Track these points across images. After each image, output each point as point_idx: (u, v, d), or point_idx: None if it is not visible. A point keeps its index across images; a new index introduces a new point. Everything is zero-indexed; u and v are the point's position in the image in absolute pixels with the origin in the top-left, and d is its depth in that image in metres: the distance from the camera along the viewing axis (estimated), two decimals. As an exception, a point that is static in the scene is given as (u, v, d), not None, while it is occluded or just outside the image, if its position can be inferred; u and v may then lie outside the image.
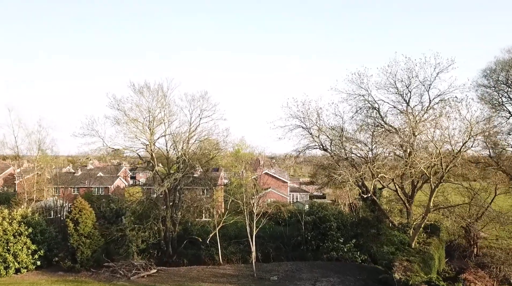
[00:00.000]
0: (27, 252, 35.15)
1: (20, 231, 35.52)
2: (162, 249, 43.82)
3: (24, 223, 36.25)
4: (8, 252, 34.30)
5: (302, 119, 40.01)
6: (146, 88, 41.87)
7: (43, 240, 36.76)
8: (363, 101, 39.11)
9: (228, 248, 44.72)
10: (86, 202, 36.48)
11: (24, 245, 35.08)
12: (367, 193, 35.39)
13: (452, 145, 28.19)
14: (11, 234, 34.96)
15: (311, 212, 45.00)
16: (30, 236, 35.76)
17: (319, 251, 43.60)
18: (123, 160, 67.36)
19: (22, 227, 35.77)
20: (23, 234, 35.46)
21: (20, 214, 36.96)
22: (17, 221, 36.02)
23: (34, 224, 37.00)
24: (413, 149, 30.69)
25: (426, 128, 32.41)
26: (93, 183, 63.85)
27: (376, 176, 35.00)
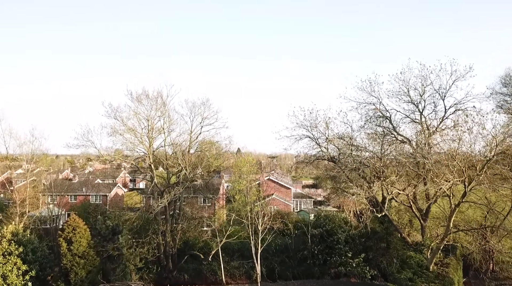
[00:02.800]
0: (18, 273, 32.88)
1: (10, 250, 33.29)
2: (161, 264, 41.82)
3: (14, 242, 34.06)
4: (-3, 274, 32.17)
5: (309, 129, 37.87)
6: (145, 96, 39.86)
7: (35, 260, 34.65)
8: (373, 110, 36.94)
9: (231, 263, 42.74)
10: (81, 219, 34.32)
11: (14, 265, 32.83)
12: (381, 212, 33.23)
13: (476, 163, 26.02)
14: (0, 254, 32.80)
15: (318, 224, 42.95)
16: (21, 256, 33.55)
17: (326, 266, 41.67)
18: (123, 161, 65.24)
19: (12, 246, 33.55)
20: (13, 253, 33.21)
21: (10, 232, 34.76)
22: (7, 240, 33.80)
23: (25, 242, 34.87)
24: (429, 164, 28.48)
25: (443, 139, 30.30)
26: (90, 190, 61.75)
27: (390, 193, 32.86)
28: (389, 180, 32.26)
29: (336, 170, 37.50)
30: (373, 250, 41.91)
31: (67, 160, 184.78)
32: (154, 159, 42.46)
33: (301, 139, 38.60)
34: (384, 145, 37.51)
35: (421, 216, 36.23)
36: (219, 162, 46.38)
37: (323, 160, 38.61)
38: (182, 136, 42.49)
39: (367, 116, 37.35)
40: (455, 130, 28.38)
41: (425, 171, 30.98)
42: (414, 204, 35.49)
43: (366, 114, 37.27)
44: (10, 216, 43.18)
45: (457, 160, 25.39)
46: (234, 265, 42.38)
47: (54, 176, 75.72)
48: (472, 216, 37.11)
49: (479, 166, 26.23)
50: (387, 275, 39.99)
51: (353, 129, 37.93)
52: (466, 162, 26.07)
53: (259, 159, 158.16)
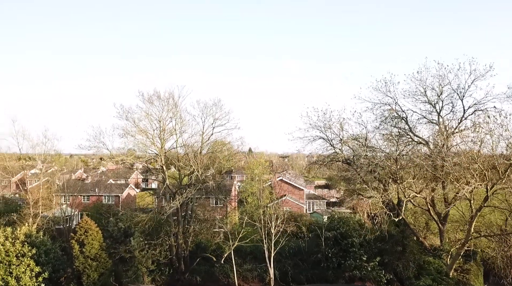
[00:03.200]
0: (31, 275, 32.90)
1: (23, 252, 33.31)
2: (174, 266, 41.55)
3: (27, 243, 34.05)
4: (10, 275, 32.13)
5: (323, 130, 37.08)
6: (156, 97, 39.55)
7: (48, 261, 34.57)
8: (389, 111, 35.97)
9: (244, 265, 42.27)
10: (93, 221, 34.16)
11: (27, 267, 32.84)
12: (398, 216, 32.32)
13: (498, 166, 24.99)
14: (13, 256, 32.77)
15: (332, 227, 42.12)
16: (34, 258, 33.52)
17: (340, 269, 40.83)
18: (135, 161, 65.31)
19: (25, 248, 33.57)
20: (27, 255, 33.22)
21: (23, 233, 34.79)
22: (20, 241, 33.83)
23: (38, 243, 34.84)
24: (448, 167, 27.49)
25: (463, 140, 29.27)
26: (103, 191, 61.97)
27: (408, 197, 31.93)
28: (406, 182, 31.33)
29: (351, 172, 36.65)
30: (388, 254, 40.96)
31: (81, 159, 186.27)
32: (166, 161, 42.22)
33: (314, 140, 37.89)
34: (400, 146, 36.58)
35: (439, 219, 35.16)
36: (231, 163, 45.93)
37: (337, 161, 37.76)
38: (194, 137, 42.20)
39: (382, 116, 36.47)
40: (476, 132, 27.34)
41: (444, 174, 29.98)
42: (432, 208, 34.46)
43: (382, 114, 36.40)
44: (24, 217, 43.35)
45: (478, 163, 24.41)
46: (246, 267, 41.90)
47: (68, 176, 76.30)
48: (493, 220, 35.92)
49: (501, 169, 25.22)
50: (403, 279, 39.05)
51: (368, 130, 37.10)
52: (489, 165, 25.05)
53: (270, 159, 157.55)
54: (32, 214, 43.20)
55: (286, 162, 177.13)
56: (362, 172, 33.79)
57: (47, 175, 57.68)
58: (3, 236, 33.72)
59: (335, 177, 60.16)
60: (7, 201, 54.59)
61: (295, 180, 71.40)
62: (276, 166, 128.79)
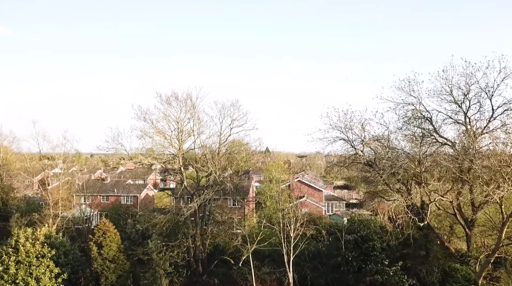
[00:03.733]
0: (50, 276, 33.10)
1: (43, 253, 33.54)
2: (191, 268, 41.28)
3: (47, 244, 34.28)
4: (30, 276, 32.36)
5: (344, 131, 36.11)
6: (174, 98, 39.36)
7: (67, 262, 34.69)
8: (412, 111, 34.75)
9: (262, 268, 41.68)
10: (111, 223, 34.11)
11: (47, 268, 33.04)
12: (422, 220, 31.15)
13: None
14: (33, 257, 33.03)
15: (352, 230, 41.11)
16: (54, 258, 33.71)
17: (361, 273, 39.80)
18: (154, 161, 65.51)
19: (45, 249, 33.79)
20: (46, 256, 33.43)
21: (43, 234, 35.05)
22: (40, 242, 34.09)
23: (57, 244, 35.01)
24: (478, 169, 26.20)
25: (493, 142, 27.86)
26: (122, 191, 62.38)
27: (433, 200, 30.70)
28: (432, 185, 30.10)
29: (373, 174, 35.55)
30: (411, 258, 39.70)
31: (101, 159, 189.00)
32: (184, 161, 42.00)
33: (335, 142, 36.95)
34: (423, 147, 35.30)
35: (466, 224, 33.73)
36: (249, 164, 45.43)
37: (358, 163, 36.73)
38: (212, 138, 41.88)
39: (405, 117, 35.23)
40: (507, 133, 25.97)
41: (472, 177, 28.65)
42: (458, 212, 33.09)
43: (405, 115, 35.16)
44: (44, 218, 43.82)
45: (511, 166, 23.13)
46: (265, 270, 41.31)
47: (87, 176, 77.22)
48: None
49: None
50: (427, 285, 37.79)
51: (390, 131, 35.91)
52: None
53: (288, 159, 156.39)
54: (52, 214, 43.61)
55: (304, 162, 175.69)
56: (385, 174, 32.67)
57: (67, 175, 58.32)
58: (24, 236, 34.03)
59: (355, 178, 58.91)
60: (29, 201, 55.46)
61: (314, 181, 70.39)
62: (294, 166, 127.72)
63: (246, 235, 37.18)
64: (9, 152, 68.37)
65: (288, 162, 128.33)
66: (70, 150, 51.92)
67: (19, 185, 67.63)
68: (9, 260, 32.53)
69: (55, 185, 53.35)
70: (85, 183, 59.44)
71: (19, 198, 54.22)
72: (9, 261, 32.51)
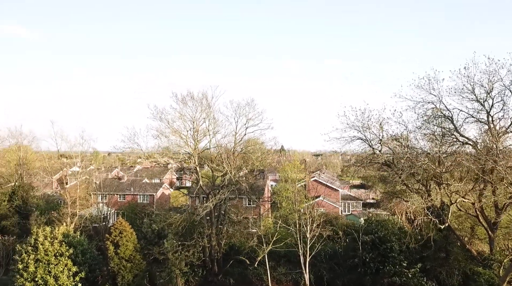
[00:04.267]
0: (68, 274, 33.54)
1: (61, 251, 33.98)
2: (207, 267, 41.28)
3: (65, 243, 34.72)
4: (49, 274, 32.84)
5: (361, 130, 35.45)
6: (190, 98, 39.35)
7: (84, 261, 35.07)
8: (432, 109, 33.84)
9: (278, 268, 41.40)
10: (127, 223, 34.30)
11: (65, 266, 33.49)
12: (443, 222, 30.34)
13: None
14: (52, 255, 33.50)
15: (369, 231, 40.43)
16: (71, 257, 34.13)
17: (379, 275, 39.12)
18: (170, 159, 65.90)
19: (63, 247, 34.23)
20: (64, 255, 33.88)
21: (61, 233, 35.50)
22: (58, 241, 34.53)
23: (75, 243, 35.40)
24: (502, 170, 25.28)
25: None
26: (138, 190, 62.94)
27: (454, 202, 29.85)
28: (453, 186, 29.26)
29: (391, 175, 34.81)
30: (430, 260, 38.85)
31: (118, 158, 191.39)
32: (199, 161, 42.00)
33: (352, 141, 36.27)
34: (443, 147, 34.38)
35: (488, 226, 32.72)
36: (264, 164, 45.17)
37: (377, 163, 35.99)
38: (227, 138, 41.73)
39: (424, 115, 34.33)
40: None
41: (496, 178, 27.71)
42: (480, 214, 32.12)
43: (424, 113, 34.25)
44: (62, 217, 44.43)
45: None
46: (280, 271, 41.02)
47: (104, 175, 78.21)
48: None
49: None
50: (446, 287, 36.95)
51: (409, 130, 35.06)
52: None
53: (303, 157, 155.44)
54: (70, 213, 44.20)
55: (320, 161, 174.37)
56: (404, 175, 31.92)
57: (85, 173, 59.14)
58: (43, 235, 34.52)
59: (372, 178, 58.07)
60: (48, 199, 56.46)
61: (330, 181, 69.69)
62: (310, 165, 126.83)
63: (262, 236, 36.93)
64: (28, 151, 69.69)
65: (304, 161, 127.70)
66: (88, 149, 52.75)
67: (38, 183, 68.89)
68: (28, 258, 33.08)
69: (73, 184, 54.13)
70: (102, 182, 60.12)
71: (39, 196, 55.22)
72: (28, 259, 33.06)
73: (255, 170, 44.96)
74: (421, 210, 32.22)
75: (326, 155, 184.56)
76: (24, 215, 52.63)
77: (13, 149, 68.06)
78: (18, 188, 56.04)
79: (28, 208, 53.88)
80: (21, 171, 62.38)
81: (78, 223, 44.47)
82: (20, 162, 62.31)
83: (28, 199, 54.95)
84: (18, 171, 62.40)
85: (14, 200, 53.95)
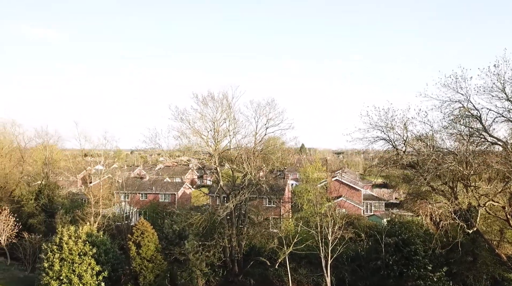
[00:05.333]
0: (92, 273, 34.12)
1: (85, 251, 34.60)
2: (227, 268, 41.29)
3: (89, 242, 35.33)
4: (73, 273, 33.49)
5: (385, 130, 34.52)
6: (210, 98, 39.35)
7: (107, 261, 35.60)
8: (459, 109, 32.58)
9: (299, 270, 41.06)
10: (149, 223, 34.61)
11: (88, 266, 34.09)
12: (471, 226, 29.27)
13: None
14: (76, 254, 34.14)
15: (392, 233, 39.54)
16: (95, 256, 34.71)
17: (402, 278, 38.21)
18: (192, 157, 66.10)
19: (87, 247, 34.84)
20: (88, 254, 34.48)
21: (85, 232, 36.14)
22: (82, 240, 35.17)
23: (98, 243, 35.97)
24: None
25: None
26: (160, 190, 63.64)
27: (483, 205, 28.72)
28: (481, 189, 28.12)
29: (416, 177, 33.77)
30: (457, 264, 37.71)
31: (141, 156, 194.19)
32: (220, 162, 42.00)
33: (375, 142, 35.33)
34: (471, 147, 33.13)
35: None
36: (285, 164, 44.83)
37: (401, 164, 34.98)
38: (247, 138, 41.59)
39: (451, 115, 33.06)
40: None
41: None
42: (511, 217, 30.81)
43: (451, 113, 32.99)
44: (86, 216, 45.27)
45: None
46: (301, 272, 40.69)
47: (127, 174, 79.38)
48: None
49: None
50: (474, 292, 35.79)
51: (435, 130, 33.90)
52: None
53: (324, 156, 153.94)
54: (93, 213, 44.98)
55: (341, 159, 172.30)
56: (429, 176, 30.91)
57: (109, 172, 60.11)
58: (67, 235, 35.21)
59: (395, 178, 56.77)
60: (73, 198, 57.72)
61: (352, 181, 68.63)
62: (331, 164, 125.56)
63: (283, 238, 36.63)
64: (54, 151, 71.40)
65: (325, 160, 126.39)
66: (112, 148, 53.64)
67: (63, 182, 70.54)
68: (53, 257, 33.81)
69: (96, 183, 55.12)
70: (124, 181, 61.01)
71: (64, 195, 56.55)
72: (53, 258, 33.79)
73: (275, 169, 44.63)
74: (448, 213, 31.13)
75: (348, 153, 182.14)
76: (50, 214, 53.95)
77: (40, 148, 69.87)
78: (44, 187, 57.49)
79: (53, 207, 55.21)
80: (47, 170, 63.98)
81: (101, 223, 45.22)
82: (46, 161, 63.89)
83: (53, 198, 56.30)
84: (44, 170, 64.05)
85: (41, 198, 55.37)
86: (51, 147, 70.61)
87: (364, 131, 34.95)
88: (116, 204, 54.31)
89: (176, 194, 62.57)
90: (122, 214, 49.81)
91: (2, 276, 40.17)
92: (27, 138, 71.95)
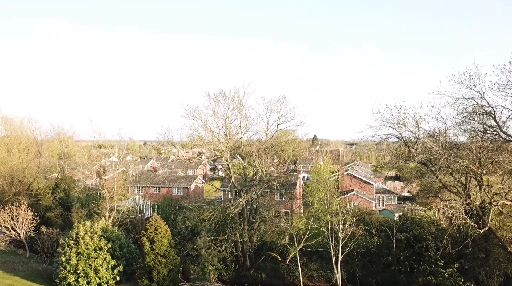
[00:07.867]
0: (107, 267, 35.11)
1: (100, 245, 35.57)
2: (239, 262, 41.92)
3: (104, 237, 36.27)
4: (89, 267, 34.50)
5: (396, 127, 34.32)
6: (222, 96, 39.66)
7: (122, 255, 36.55)
8: (473, 106, 32.17)
9: (309, 265, 41.45)
10: (162, 219, 35.33)
11: (104, 260, 35.08)
12: (483, 226, 29.09)
13: None
14: (92, 249, 35.12)
15: (404, 228, 39.55)
16: (110, 251, 35.67)
17: (413, 274, 38.32)
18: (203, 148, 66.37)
19: (102, 242, 35.80)
20: (103, 249, 35.45)
21: (100, 228, 37.07)
22: (97, 235, 36.13)
23: (113, 238, 36.91)
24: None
25: None
26: (173, 183, 64.44)
27: (496, 204, 28.52)
28: (494, 188, 27.88)
29: (428, 175, 33.63)
30: (469, 260, 37.56)
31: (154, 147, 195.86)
32: (232, 157, 42.38)
33: (387, 139, 35.28)
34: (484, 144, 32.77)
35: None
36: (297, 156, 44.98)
37: (412, 162, 34.83)
38: (258, 134, 41.90)
39: (465, 112, 32.70)
40: None
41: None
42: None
43: (464, 110, 32.62)
44: (101, 211, 46.27)
45: None
46: (312, 267, 41.08)
47: (140, 167, 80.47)
48: None
49: None
50: (486, 288, 35.72)
51: (448, 127, 33.60)
52: None
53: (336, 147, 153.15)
54: (108, 208, 45.93)
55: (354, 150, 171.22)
56: (441, 174, 30.76)
57: (123, 164, 60.91)
58: (83, 230, 36.20)
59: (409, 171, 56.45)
60: (88, 192, 58.90)
61: (364, 174, 68.37)
62: (343, 155, 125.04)
63: (293, 234, 36.97)
64: (70, 144, 72.58)
65: (337, 151, 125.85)
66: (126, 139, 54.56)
67: (79, 176, 71.91)
68: (70, 252, 34.86)
69: (110, 176, 56.10)
70: (138, 175, 61.95)
71: (79, 190, 57.67)
72: (70, 252, 34.85)
73: (286, 164, 44.79)
74: (459, 213, 31.01)
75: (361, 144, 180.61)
76: (66, 207, 55.22)
77: (56, 142, 71.09)
78: (60, 181, 58.75)
79: (69, 200, 56.48)
80: (63, 164, 65.28)
81: (116, 217, 46.18)
82: (62, 155, 65.16)
83: (69, 192, 57.53)
84: (60, 163, 65.35)
85: (57, 192, 56.65)
86: (66, 140, 71.69)
87: (376, 129, 34.85)
88: (130, 198, 55.28)
89: (189, 187, 63.30)
90: (136, 207, 50.73)
91: (22, 268, 41.51)
92: (43, 133, 73.49)
